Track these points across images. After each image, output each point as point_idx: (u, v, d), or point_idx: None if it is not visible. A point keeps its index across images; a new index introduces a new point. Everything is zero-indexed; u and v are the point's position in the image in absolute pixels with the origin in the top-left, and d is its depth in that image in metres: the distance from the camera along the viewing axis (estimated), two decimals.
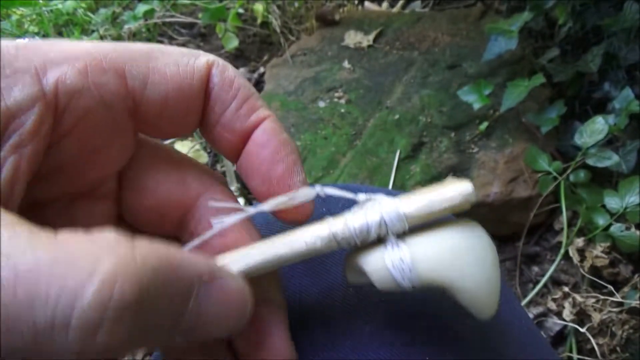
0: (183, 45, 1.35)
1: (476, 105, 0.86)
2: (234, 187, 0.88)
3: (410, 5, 1.40)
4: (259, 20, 1.36)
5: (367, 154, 0.87)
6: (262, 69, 1.20)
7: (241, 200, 0.80)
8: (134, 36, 1.25)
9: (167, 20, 1.25)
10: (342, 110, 0.95)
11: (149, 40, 1.25)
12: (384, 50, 1.08)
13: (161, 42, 1.33)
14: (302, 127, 0.93)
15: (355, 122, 0.93)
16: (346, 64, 1.06)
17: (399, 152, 0.85)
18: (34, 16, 1.39)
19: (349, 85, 1.01)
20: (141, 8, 1.19)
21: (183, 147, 1.03)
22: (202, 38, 1.37)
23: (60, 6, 1.36)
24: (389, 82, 0.99)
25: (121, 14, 1.30)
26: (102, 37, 1.26)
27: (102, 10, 1.33)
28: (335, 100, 0.98)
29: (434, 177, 0.82)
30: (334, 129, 0.92)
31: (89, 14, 1.35)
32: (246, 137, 0.20)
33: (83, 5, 1.38)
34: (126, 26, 1.22)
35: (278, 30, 1.29)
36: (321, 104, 0.98)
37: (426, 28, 1.12)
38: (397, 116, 0.92)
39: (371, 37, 1.11)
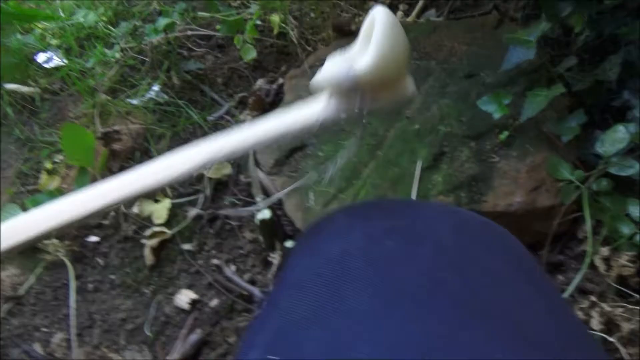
0: (201, 56, 1.37)
1: (496, 115, 0.87)
2: (259, 197, 0.89)
3: (425, 14, 1.42)
4: (275, 31, 1.38)
5: (388, 164, 0.88)
6: (280, 80, 1.21)
7: (267, 212, 0.81)
8: (155, 49, 1.28)
9: (186, 33, 1.28)
10: (363, 120, 0.97)
11: (169, 52, 1.28)
12: None
13: (181, 54, 1.36)
14: (324, 138, 0.95)
15: (376, 132, 0.94)
16: None
17: (421, 162, 0.86)
18: (56, 30, 1.42)
19: None
20: (162, 22, 1.21)
21: None
22: (220, 49, 1.39)
23: (81, 20, 1.39)
24: None
25: (142, 27, 1.33)
26: (123, 50, 1.29)
27: (123, 24, 1.36)
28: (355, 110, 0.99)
29: (456, 187, 0.83)
30: (356, 140, 0.94)
31: (110, 27, 1.38)
32: None
33: (104, 18, 1.41)
34: (147, 39, 1.24)
35: (295, 40, 1.30)
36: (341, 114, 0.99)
37: (442, 37, 1.13)
38: (417, 126, 0.93)
39: None
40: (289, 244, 0.81)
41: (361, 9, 1.41)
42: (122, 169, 1.03)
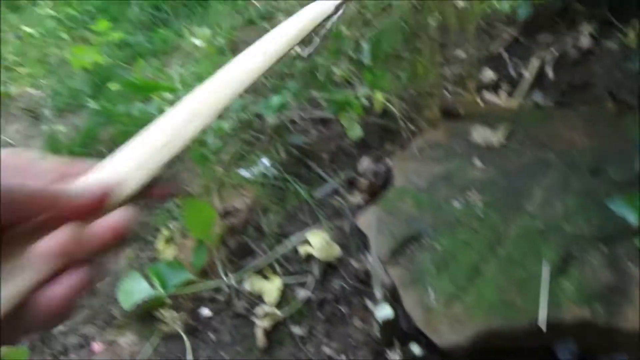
0: (305, 130, 1.42)
1: (633, 221, 0.82)
2: (378, 291, 0.89)
3: (532, 96, 1.40)
4: (378, 109, 1.42)
5: (512, 265, 0.85)
6: (387, 160, 1.23)
7: (389, 310, 0.80)
8: (266, 123, 1.34)
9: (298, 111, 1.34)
10: (480, 213, 0.95)
11: (278, 127, 1.34)
12: (516, 149, 1.08)
13: (289, 130, 1.41)
14: (440, 229, 0.94)
15: (495, 226, 0.92)
16: (477, 162, 1.06)
17: (548, 266, 0.83)
18: (174, 100, 1.54)
19: (483, 185, 1.00)
20: (276, 100, 1.28)
21: (314, 236, 1.06)
22: (323, 124, 1.44)
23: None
24: (526, 185, 0.98)
25: (255, 102, 1.41)
26: (235, 124, 1.37)
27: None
28: (471, 201, 0.98)
29: (591, 297, 0.78)
30: (473, 233, 0.92)
31: None
32: None
33: None
34: (264, 115, 1.31)
35: (399, 119, 1.33)
36: (456, 204, 0.98)
37: (559, 127, 1.10)
38: (540, 224, 0.90)
39: (500, 134, 1.12)
40: (415, 349, 0.79)
41: (464, 88, 1.42)
42: (237, 244, 1.06)
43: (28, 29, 2.66)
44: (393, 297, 0.89)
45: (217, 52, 1.85)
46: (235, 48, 1.95)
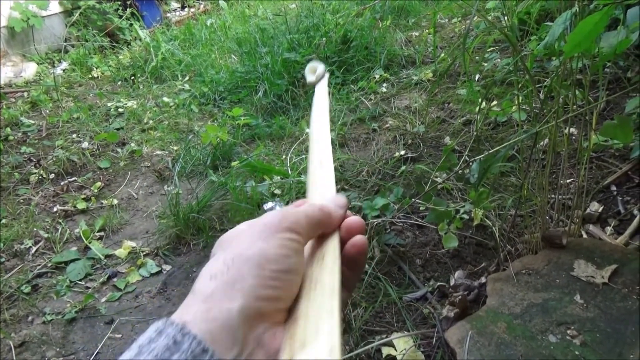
0: (400, 232, 1.48)
1: None
2: None
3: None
4: (474, 222, 1.44)
5: None
6: (482, 279, 1.23)
7: None
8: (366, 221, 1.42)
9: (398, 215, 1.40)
10: (577, 353, 0.92)
11: (376, 225, 1.41)
12: (622, 292, 1.04)
13: (385, 229, 1.48)
14: None
15: None
16: (578, 298, 1.04)
17: None
18: (281, 183, 1.69)
19: (582, 324, 0.98)
20: (379, 202, 1.36)
21: (400, 341, 1.08)
22: (420, 229, 1.49)
23: (303, 178, 1.64)
24: (630, 333, 0.94)
25: (359, 197, 1.51)
26: None
27: (348, 194, 1.55)
28: (568, 338, 0.96)
29: None
30: None
31: None
32: None
33: None
34: (366, 214, 1.39)
35: (497, 238, 1.34)
36: (552, 338, 0.96)
37: None
38: None
39: (605, 273, 1.09)
40: None
41: (569, 218, 1.41)
42: None
43: (166, 99, 3.08)
44: None
45: None
46: (344, 142, 2.10)
